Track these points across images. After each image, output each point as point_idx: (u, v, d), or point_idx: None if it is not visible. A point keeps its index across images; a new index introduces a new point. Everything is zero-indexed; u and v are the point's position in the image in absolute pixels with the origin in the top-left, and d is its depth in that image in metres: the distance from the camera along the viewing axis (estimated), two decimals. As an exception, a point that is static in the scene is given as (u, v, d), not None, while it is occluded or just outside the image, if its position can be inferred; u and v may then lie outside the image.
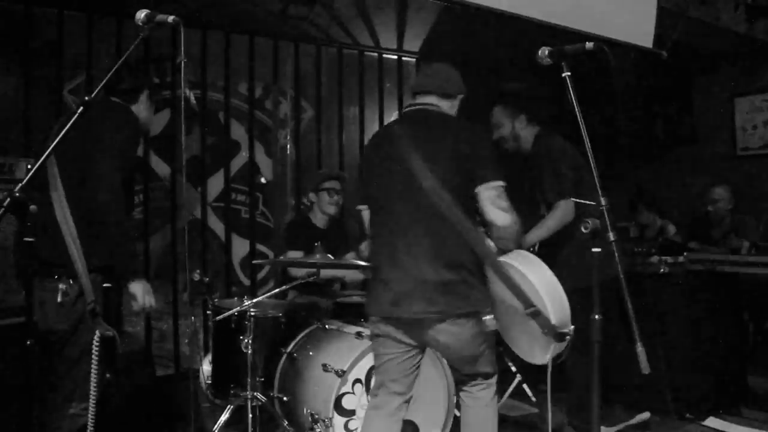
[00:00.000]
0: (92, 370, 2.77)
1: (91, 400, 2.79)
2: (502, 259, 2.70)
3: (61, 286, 2.86)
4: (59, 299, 2.85)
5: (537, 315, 2.51)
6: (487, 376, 2.97)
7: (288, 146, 5.91)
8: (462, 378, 3.03)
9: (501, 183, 2.76)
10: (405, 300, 2.76)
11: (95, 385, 2.79)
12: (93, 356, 2.78)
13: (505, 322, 2.80)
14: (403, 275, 2.77)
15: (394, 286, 2.80)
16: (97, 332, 2.78)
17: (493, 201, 2.73)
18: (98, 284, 2.89)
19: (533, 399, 4.75)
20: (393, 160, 2.87)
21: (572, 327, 2.54)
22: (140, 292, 3.02)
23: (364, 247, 4.53)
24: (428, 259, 2.74)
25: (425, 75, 3.10)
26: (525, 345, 2.77)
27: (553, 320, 2.51)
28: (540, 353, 2.66)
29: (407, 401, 3.03)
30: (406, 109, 3.06)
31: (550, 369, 2.67)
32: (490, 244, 2.78)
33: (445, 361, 3.66)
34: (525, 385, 4.79)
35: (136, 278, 3.03)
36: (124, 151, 2.99)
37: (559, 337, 2.52)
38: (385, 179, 2.92)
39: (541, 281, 2.58)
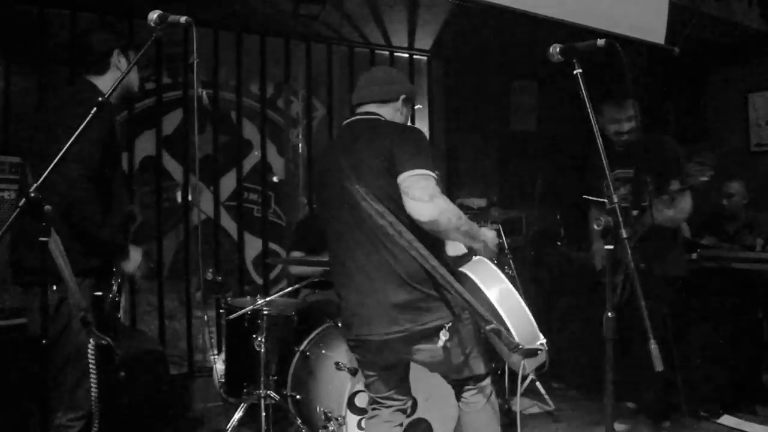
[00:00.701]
0: (91, 379, 2.71)
1: (93, 408, 2.73)
2: (462, 269, 2.63)
3: None
4: (39, 306, 2.63)
5: (498, 333, 2.44)
6: (478, 379, 2.85)
7: (300, 145, 5.91)
8: (453, 383, 2.93)
9: (419, 171, 2.52)
10: (369, 322, 2.68)
11: (95, 394, 2.73)
12: (90, 365, 2.70)
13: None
14: (362, 298, 2.70)
15: (356, 310, 2.73)
16: (92, 341, 2.69)
17: (407, 192, 2.52)
18: (88, 290, 2.76)
19: (546, 397, 4.75)
20: (330, 181, 2.80)
21: (544, 340, 2.45)
22: (135, 265, 2.98)
23: None
24: (382, 280, 2.63)
25: (360, 86, 2.96)
26: (504, 353, 2.71)
27: (516, 338, 2.43)
28: (518, 364, 2.60)
29: (402, 410, 2.99)
30: (344, 123, 2.96)
31: (520, 380, 2.63)
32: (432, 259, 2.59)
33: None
34: (538, 384, 4.79)
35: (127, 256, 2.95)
36: (87, 138, 2.60)
37: (527, 353, 2.45)
38: (327, 200, 2.86)
39: (498, 297, 2.49)
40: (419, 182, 2.52)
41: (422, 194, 2.50)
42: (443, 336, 2.56)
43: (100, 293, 2.82)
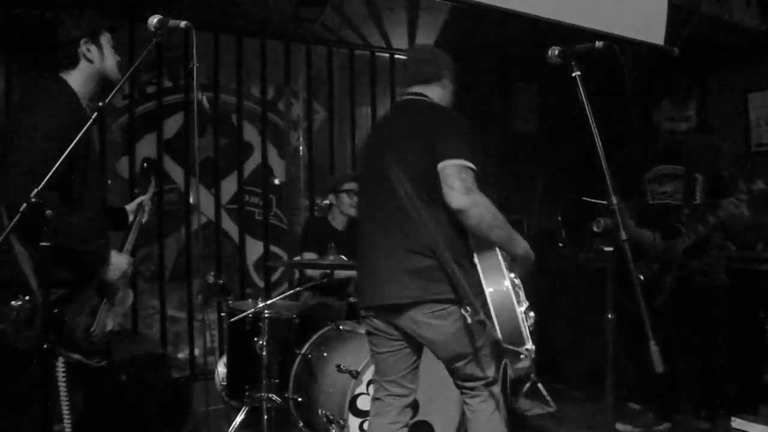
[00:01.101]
0: (61, 397, 2.60)
1: (65, 425, 2.62)
2: (475, 258, 2.63)
3: (14, 303, 2.53)
4: (14, 317, 2.51)
5: (483, 325, 2.48)
6: (486, 384, 2.79)
7: (301, 148, 5.92)
8: (457, 382, 2.87)
9: (460, 161, 2.59)
10: (381, 287, 2.73)
11: (68, 412, 2.62)
12: (60, 383, 2.58)
13: None
14: (380, 263, 2.75)
15: (372, 276, 2.80)
16: (60, 358, 2.58)
17: (446, 180, 2.58)
18: (45, 304, 2.50)
19: (548, 398, 4.75)
20: (372, 152, 2.93)
21: (529, 348, 2.44)
22: (117, 273, 2.76)
23: None
24: (402, 247, 2.68)
25: (404, 68, 3.09)
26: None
27: (499, 335, 2.45)
28: (519, 369, 2.59)
29: (410, 405, 2.94)
30: (395, 102, 3.06)
31: (500, 379, 2.65)
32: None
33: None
34: (540, 385, 4.79)
35: (107, 263, 2.73)
36: (51, 132, 2.46)
37: (507, 351, 2.46)
38: (366, 171, 2.97)
39: (493, 293, 2.50)
40: (461, 173, 2.58)
41: (460, 186, 2.56)
42: (466, 312, 2.56)
43: (55, 310, 2.60)
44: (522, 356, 2.44)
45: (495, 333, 2.46)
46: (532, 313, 2.62)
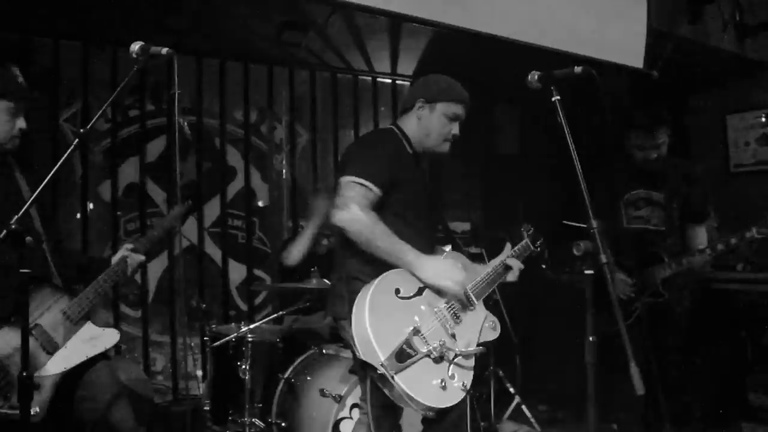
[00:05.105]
0: None
1: None
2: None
3: None
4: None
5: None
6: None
7: (284, 171, 5.92)
8: None
9: (348, 178, 2.62)
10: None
11: None
12: None
13: None
14: None
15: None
16: None
17: (336, 198, 2.65)
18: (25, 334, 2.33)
19: (532, 420, 4.74)
20: None
21: (384, 363, 2.39)
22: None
23: None
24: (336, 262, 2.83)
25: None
26: None
27: (356, 344, 2.46)
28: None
29: None
30: None
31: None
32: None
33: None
34: (524, 407, 4.79)
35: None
36: None
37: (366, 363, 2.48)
38: None
39: (357, 304, 2.52)
40: (344, 190, 2.62)
41: (340, 201, 2.60)
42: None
43: None
44: (379, 371, 2.40)
45: (353, 343, 2.49)
46: (440, 343, 2.55)
